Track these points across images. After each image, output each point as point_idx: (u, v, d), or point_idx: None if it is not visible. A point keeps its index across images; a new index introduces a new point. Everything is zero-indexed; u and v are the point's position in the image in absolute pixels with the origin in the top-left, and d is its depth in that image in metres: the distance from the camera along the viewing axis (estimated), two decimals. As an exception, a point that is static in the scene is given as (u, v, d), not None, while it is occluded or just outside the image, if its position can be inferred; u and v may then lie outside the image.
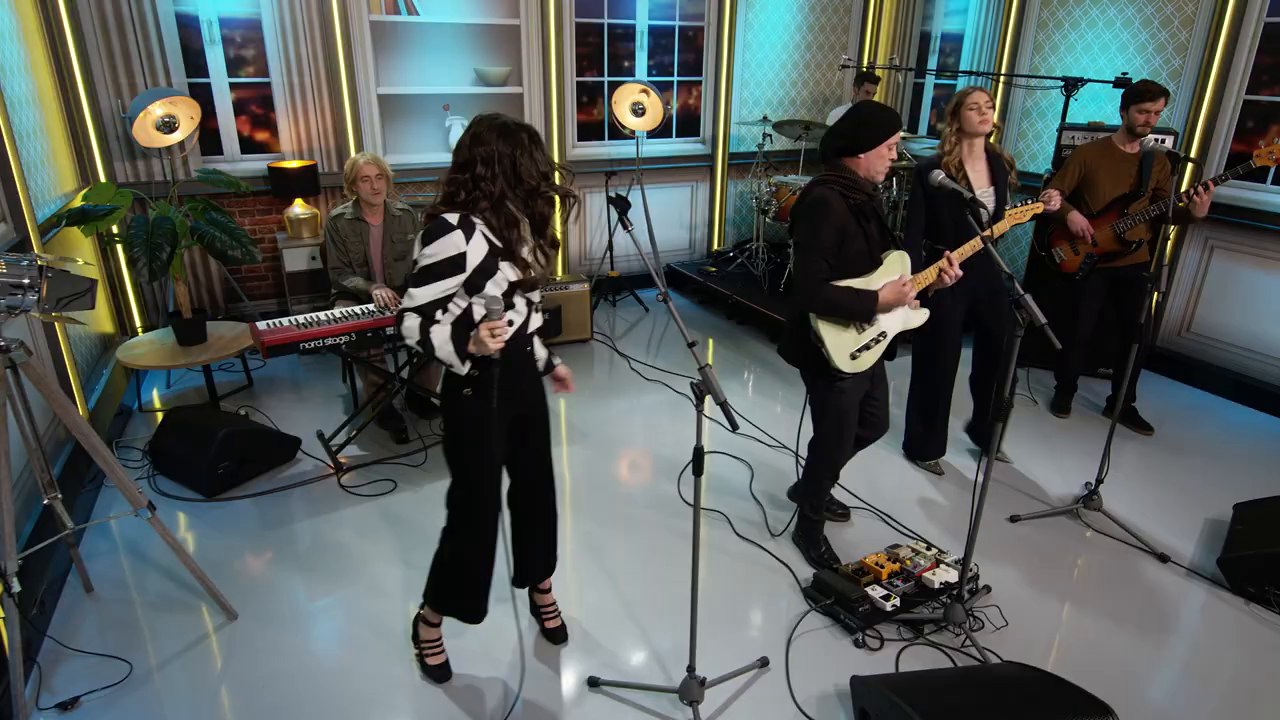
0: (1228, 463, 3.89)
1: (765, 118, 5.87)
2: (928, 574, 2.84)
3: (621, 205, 2.14)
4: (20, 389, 2.31)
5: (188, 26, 4.71)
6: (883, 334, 2.69)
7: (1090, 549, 3.21)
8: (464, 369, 2.09)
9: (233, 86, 4.94)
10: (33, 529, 2.85)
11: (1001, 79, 5.56)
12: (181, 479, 3.56)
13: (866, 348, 2.67)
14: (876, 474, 3.76)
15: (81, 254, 4.31)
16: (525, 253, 2.13)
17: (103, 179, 4.64)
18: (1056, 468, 3.82)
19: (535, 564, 2.65)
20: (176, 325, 4.07)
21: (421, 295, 2.04)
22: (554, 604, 2.74)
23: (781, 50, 6.48)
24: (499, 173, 2.03)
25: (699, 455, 2.03)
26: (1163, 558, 3.11)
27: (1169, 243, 4.73)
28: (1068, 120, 4.94)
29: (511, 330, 2.14)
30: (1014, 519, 3.37)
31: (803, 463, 3.08)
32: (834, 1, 6.53)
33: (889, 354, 2.84)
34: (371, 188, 3.80)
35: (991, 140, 3.45)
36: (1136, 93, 3.67)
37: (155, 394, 4.54)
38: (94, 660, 2.55)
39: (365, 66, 5.15)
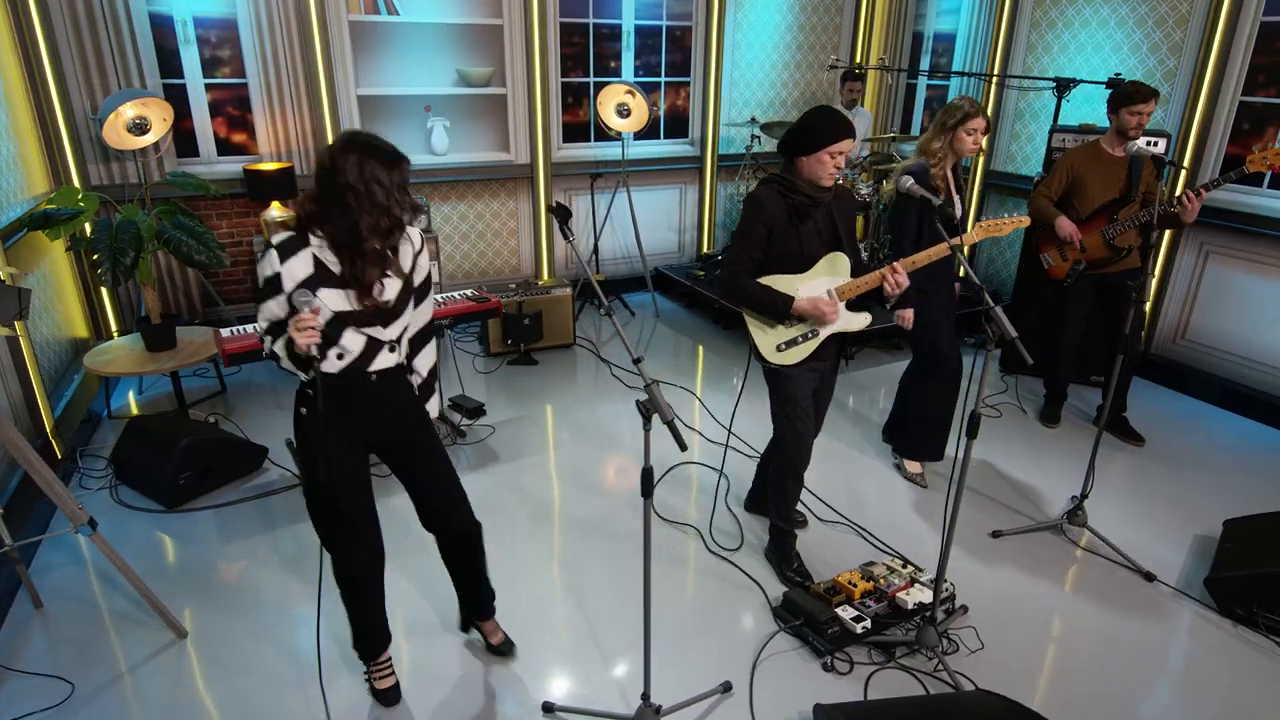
0: (1220, 475, 3.78)
1: (754, 119, 5.77)
2: (902, 594, 2.74)
3: (562, 215, 2.05)
4: (-47, 402, 2.23)
5: (161, 26, 4.63)
6: (813, 331, 2.67)
7: (1074, 566, 3.11)
8: (306, 376, 2.05)
9: (208, 87, 4.86)
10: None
11: (994, 80, 5.45)
12: (143, 489, 3.48)
13: (794, 342, 2.67)
14: (857, 485, 3.66)
15: (51, 258, 4.24)
16: (372, 281, 2.00)
17: (75, 181, 4.57)
18: (1043, 480, 3.72)
19: (469, 602, 2.59)
20: (145, 331, 3.99)
21: (261, 315, 2.04)
22: (495, 625, 2.66)
23: (771, 50, 6.37)
24: (350, 195, 1.90)
25: (647, 477, 1.95)
26: (1149, 576, 3.01)
27: (1161, 249, 4.62)
28: (1060, 122, 4.84)
29: (342, 363, 2.06)
30: (996, 534, 3.27)
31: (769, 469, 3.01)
32: (825, 1, 6.43)
33: (845, 355, 2.82)
34: None
35: None
36: (1126, 94, 3.56)
37: (131, 398, 4.47)
38: (37, 680, 2.47)
39: (344, 67, 5.07)
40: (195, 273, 4.95)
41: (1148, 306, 4.76)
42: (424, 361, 2.32)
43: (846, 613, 2.65)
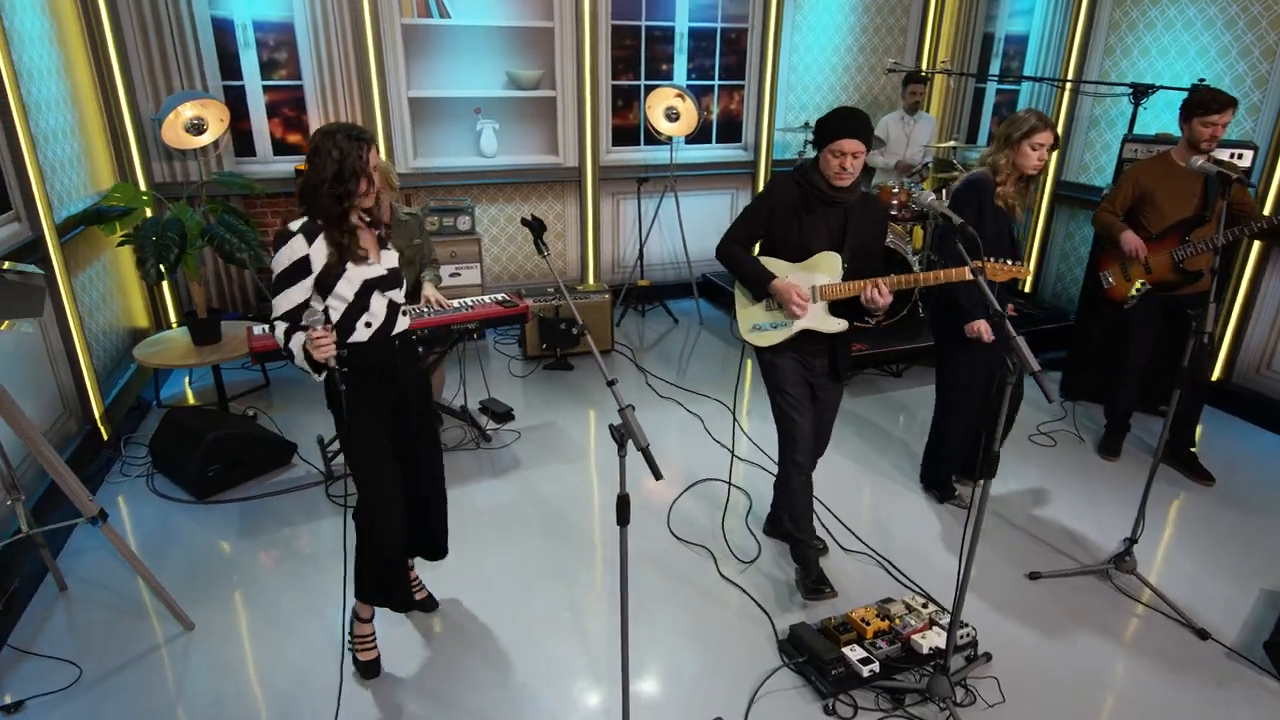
0: (1301, 523, 3.43)
1: (807, 124, 5.57)
2: (917, 636, 2.56)
3: (536, 228, 1.98)
4: (-25, 393, 2.31)
5: (223, 30, 4.79)
6: (785, 321, 2.68)
7: (1118, 618, 2.85)
8: (319, 377, 2.15)
9: (266, 89, 5.00)
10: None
11: (1068, 85, 5.12)
12: (176, 479, 3.59)
13: (767, 326, 2.71)
14: (885, 513, 3.47)
15: (112, 252, 4.43)
16: (367, 251, 2.22)
17: (140, 178, 4.78)
18: (1095, 519, 3.45)
19: (417, 542, 2.66)
20: (191, 324, 4.12)
21: (280, 304, 2.14)
22: (417, 578, 2.81)
23: (832, 53, 6.16)
24: (327, 173, 2.09)
25: (622, 505, 1.86)
26: (1202, 634, 2.73)
27: (1244, 270, 4.23)
28: (1136, 131, 4.50)
29: (370, 330, 2.25)
30: (1033, 576, 3.03)
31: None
32: (891, 1, 6.18)
33: (835, 371, 2.77)
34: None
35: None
36: (1199, 103, 3.26)
37: (187, 387, 4.65)
38: (48, 663, 2.56)
39: (396, 69, 5.14)
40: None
41: (1228, 332, 4.38)
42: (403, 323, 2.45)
43: (854, 653, 2.49)
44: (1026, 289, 5.69)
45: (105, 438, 3.85)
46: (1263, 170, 4.06)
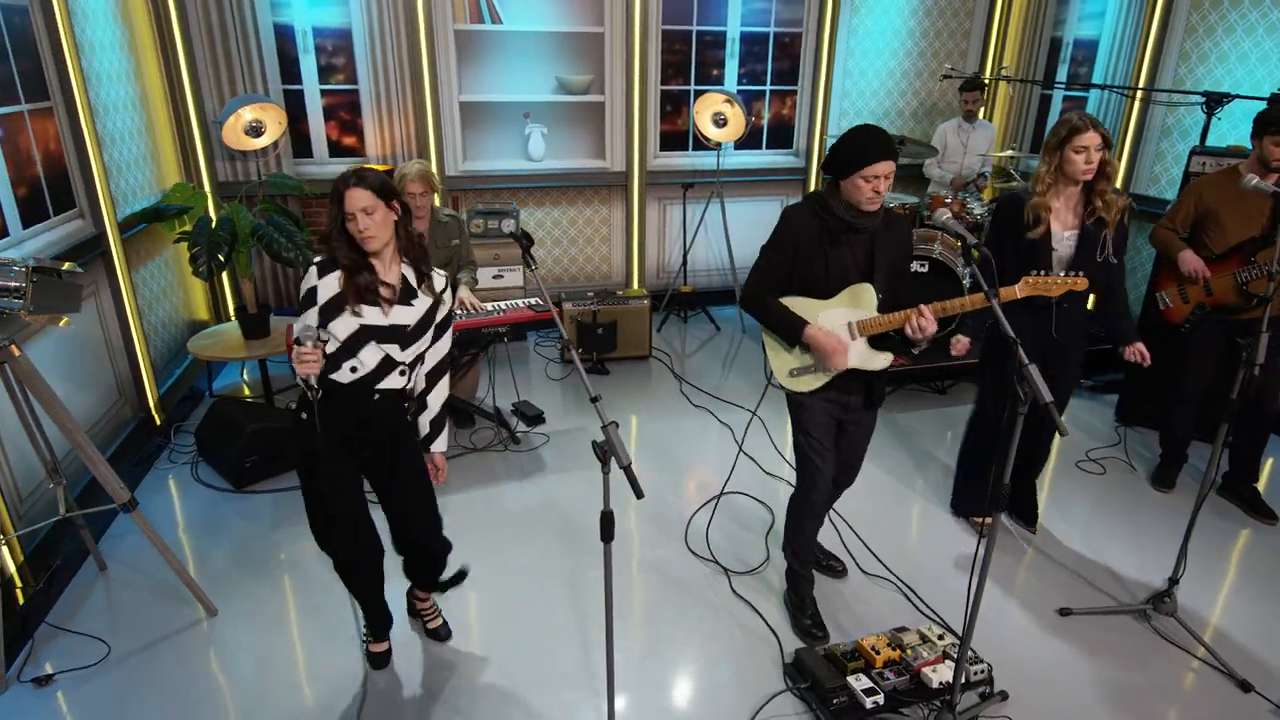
0: (1373, 571, 3.17)
1: (858, 131, 5.44)
2: (928, 669, 2.46)
3: (526, 241, 1.98)
4: (20, 382, 2.45)
5: (284, 36, 4.97)
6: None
7: (1152, 662, 2.68)
8: (312, 395, 2.10)
9: (323, 93, 5.17)
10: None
11: (1138, 94, 4.85)
12: (217, 467, 3.74)
13: (807, 369, 2.53)
14: (912, 537, 3.36)
15: (174, 247, 4.65)
16: (372, 299, 2.18)
17: (204, 177, 5.00)
18: (1139, 554, 3.25)
19: (413, 574, 2.65)
20: (242, 319, 4.30)
21: (296, 324, 2.15)
22: (432, 606, 2.77)
23: (889, 57, 6.00)
24: (331, 222, 2.14)
25: (606, 521, 1.84)
26: (1245, 686, 2.55)
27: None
28: (1210, 142, 4.24)
29: (354, 376, 2.20)
30: (1063, 612, 2.88)
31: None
32: (954, 4, 5.98)
33: (871, 401, 2.61)
34: (415, 203, 3.80)
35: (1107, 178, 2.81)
36: (1271, 120, 3.04)
37: (245, 377, 4.86)
38: (80, 640, 2.70)
39: (448, 74, 5.25)
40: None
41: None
42: (437, 397, 2.42)
43: (859, 682, 2.41)
44: (1089, 305, 5.41)
45: (157, 425, 4.05)
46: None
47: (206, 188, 4.97)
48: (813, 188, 6.15)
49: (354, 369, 2.20)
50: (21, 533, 2.72)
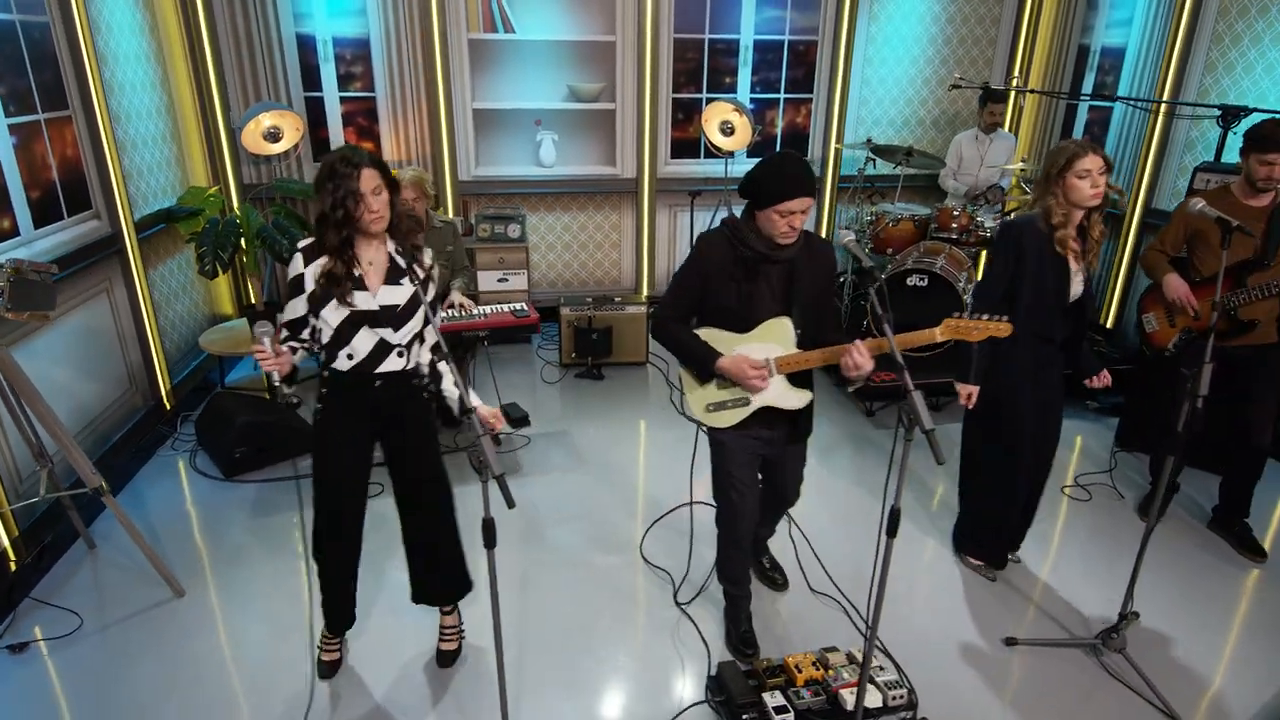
0: (1363, 618, 2.98)
1: (869, 140, 5.36)
2: (847, 690, 2.44)
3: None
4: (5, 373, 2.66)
5: (305, 45, 5.20)
6: (744, 399, 2.41)
7: (1094, 697, 2.60)
8: (288, 392, 2.22)
9: (342, 100, 5.39)
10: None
11: (1154, 105, 4.65)
12: (212, 457, 3.95)
13: (724, 406, 2.43)
14: (871, 556, 3.29)
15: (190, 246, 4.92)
16: (363, 283, 2.22)
17: (230, 180, 5.28)
18: (1110, 586, 3.13)
19: (423, 585, 2.67)
20: (249, 315, 4.52)
21: (284, 313, 2.26)
22: (455, 627, 2.73)
23: (910, 65, 5.89)
24: (325, 204, 2.13)
25: (487, 528, 1.90)
26: (1185, 729, 2.45)
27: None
28: (1226, 158, 4.04)
29: (351, 363, 2.26)
30: (1009, 642, 2.81)
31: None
32: (979, 11, 5.82)
33: (797, 435, 2.54)
34: (406, 209, 3.95)
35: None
36: (1257, 138, 2.90)
37: (255, 369, 5.10)
38: (59, 612, 2.90)
39: (462, 82, 5.40)
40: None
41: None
42: (447, 366, 2.38)
43: (773, 699, 2.41)
44: (1108, 325, 5.22)
45: (165, 414, 4.30)
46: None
47: (233, 190, 5.25)
48: (828, 196, 6.09)
49: (349, 356, 2.24)
50: (15, 506, 2.93)
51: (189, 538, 3.40)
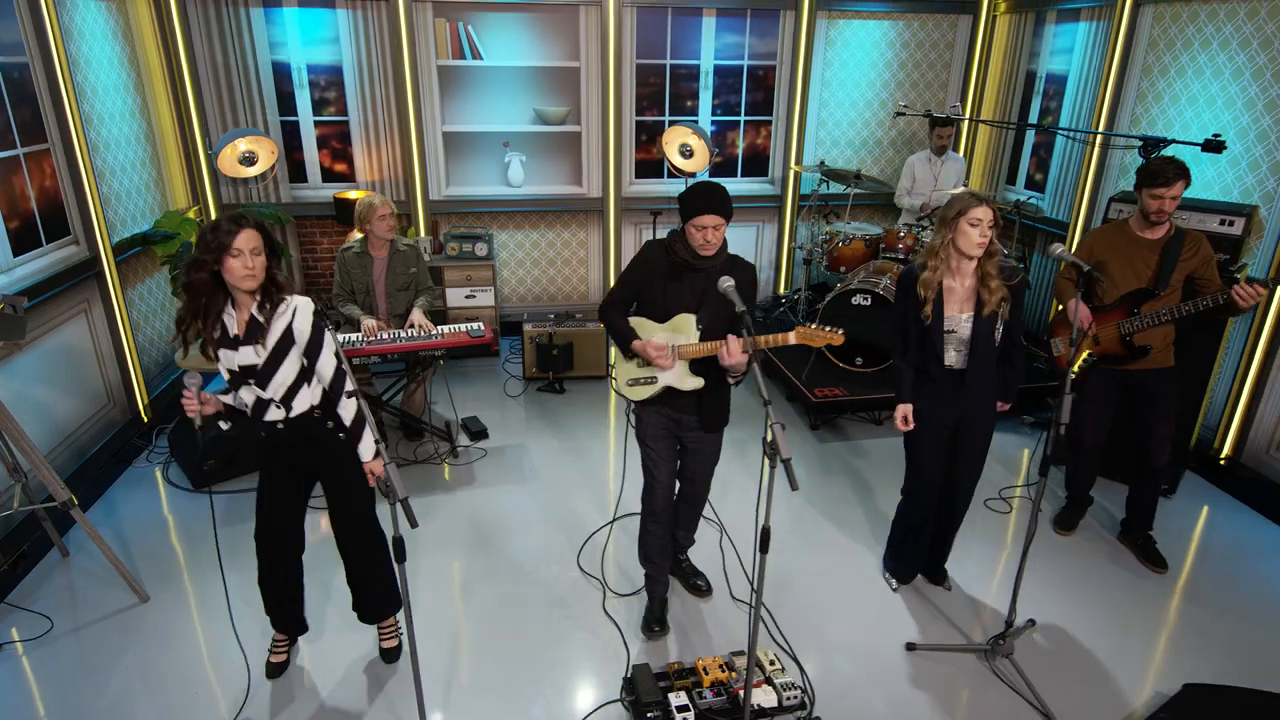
0: (1248, 626, 3.17)
1: (821, 163, 5.58)
2: (743, 691, 2.65)
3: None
4: (-21, 395, 2.89)
5: (281, 73, 5.43)
6: (652, 378, 2.83)
7: (982, 698, 2.80)
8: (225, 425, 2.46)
9: (317, 124, 5.62)
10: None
11: (1083, 136, 4.85)
12: (183, 468, 4.18)
13: (639, 382, 2.87)
14: (798, 565, 3.51)
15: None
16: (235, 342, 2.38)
17: (210, 202, 5.51)
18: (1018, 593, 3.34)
19: (358, 607, 2.90)
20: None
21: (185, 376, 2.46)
22: (391, 626, 2.97)
23: (866, 89, 6.10)
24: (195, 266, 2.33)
25: (398, 545, 2.11)
26: (1058, 729, 2.65)
27: (1260, 341, 3.90)
28: (1147, 186, 4.23)
29: (246, 410, 2.52)
30: (910, 647, 3.02)
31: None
32: (934, 37, 6.03)
33: (705, 424, 2.89)
34: (388, 225, 4.19)
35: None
36: (1147, 174, 3.11)
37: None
38: (29, 616, 3.13)
39: (432, 106, 5.62)
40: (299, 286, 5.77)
41: (1240, 408, 4.06)
42: (345, 413, 2.56)
43: (677, 699, 2.62)
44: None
45: (142, 429, 4.52)
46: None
47: (212, 211, 5.48)
48: (789, 215, 6.29)
49: (244, 405, 2.48)
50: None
51: (158, 546, 3.62)
